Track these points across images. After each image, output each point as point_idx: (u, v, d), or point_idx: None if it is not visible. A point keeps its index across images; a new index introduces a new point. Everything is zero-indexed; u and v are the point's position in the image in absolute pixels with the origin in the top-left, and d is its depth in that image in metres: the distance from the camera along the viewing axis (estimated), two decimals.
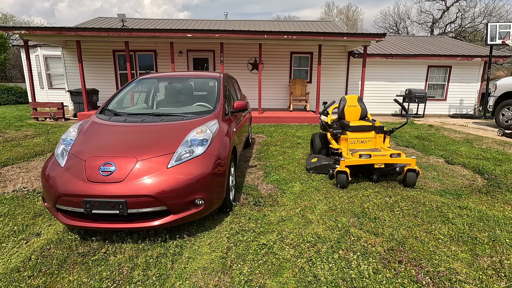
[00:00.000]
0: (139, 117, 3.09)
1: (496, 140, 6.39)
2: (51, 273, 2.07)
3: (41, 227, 2.69)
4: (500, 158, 4.88)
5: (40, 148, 5.51)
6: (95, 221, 2.32)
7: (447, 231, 2.59)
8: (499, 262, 2.16)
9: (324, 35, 8.71)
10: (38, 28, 8.51)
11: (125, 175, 2.29)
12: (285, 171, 4.28)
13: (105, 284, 1.95)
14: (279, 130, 7.58)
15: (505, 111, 7.70)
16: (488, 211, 2.96)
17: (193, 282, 1.98)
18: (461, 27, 29.08)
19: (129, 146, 2.55)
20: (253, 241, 2.44)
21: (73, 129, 2.86)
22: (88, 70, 10.66)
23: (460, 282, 1.96)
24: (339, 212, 2.96)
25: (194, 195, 2.41)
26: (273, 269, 2.11)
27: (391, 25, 33.25)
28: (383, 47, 11.63)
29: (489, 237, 2.49)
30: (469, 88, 11.44)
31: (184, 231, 2.58)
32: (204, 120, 3.00)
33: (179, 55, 10.89)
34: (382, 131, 4.29)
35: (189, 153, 2.54)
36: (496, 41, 9.37)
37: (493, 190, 3.54)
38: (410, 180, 3.57)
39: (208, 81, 3.98)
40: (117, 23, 11.85)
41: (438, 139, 6.55)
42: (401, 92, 11.25)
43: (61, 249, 2.34)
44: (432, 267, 2.11)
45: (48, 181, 2.40)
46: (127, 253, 2.29)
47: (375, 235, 2.54)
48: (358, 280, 1.97)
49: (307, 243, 2.40)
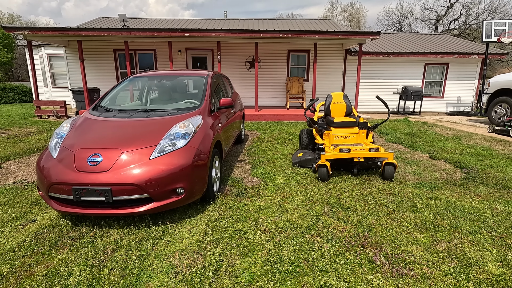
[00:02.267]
0: (128, 113, 3.30)
1: (485, 136, 6.48)
2: (43, 253, 2.29)
3: (37, 214, 2.92)
4: (484, 153, 5.00)
5: (42, 144, 5.76)
6: (84, 207, 2.54)
7: (413, 219, 2.75)
8: (454, 246, 2.32)
9: (319, 33, 8.84)
10: (41, 29, 8.79)
11: (110, 165, 2.50)
12: (271, 165, 4.46)
13: (90, 262, 2.16)
14: (273, 127, 7.76)
15: (497, 108, 7.77)
16: (457, 202, 3.11)
17: (170, 262, 2.18)
18: (465, 24, 28.83)
19: (116, 139, 2.76)
20: (229, 227, 2.63)
21: (66, 124, 3.08)
22: (89, 69, 10.94)
23: (413, 263, 2.13)
24: (314, 202, 3.14)
25: (175, 184, 2.61)
26: (244, 251, 2.30)
27: (394, 22, 33.07)
28: (380, 44, 11.70)
29: (450, 224, 2.65)
30: (466, 85, 11.47)
31: (168, 218, 2.79)
32: (189, 115, 3.20)
33: (178, 54, 11.10)
34: (366, 126, 4.44)
35: (172, 145, 2.74)
36: (492, 38, 9.39)
37: (468, 183, 3.68)
38: (388, 173, 3.73)
39: (197, 79, 4.18)
40: (118, 23, 12.11)
41: (428, 135, 6.66)
42: (398, 89, 11.33)
43: (54, 233, 2.56)
44: (391, 250, 2.29)
45: (42, 171, 2.63)
46: (113, 237, 2.50)
47: (345, 223, 2.71)
48: (319, 260, 2.15)
49: (279, 229, 2.59)
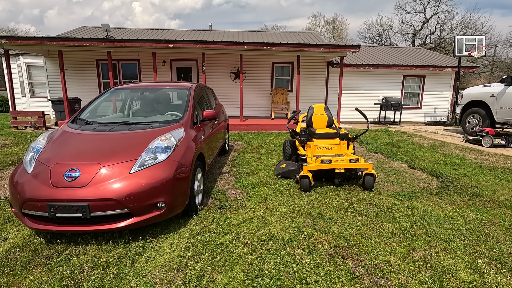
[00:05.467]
0: (109, 125, 3.25)
1: (460, 146, 6.79)
2: (14, 274, 2.19)
3: (9, 232, 2.79)
4: (458, 162, 5.23)
5: (17, 157, 5.54)
6: (60, 224, 2.45)
7: (391, 229, 2.83)
8: (430, 255, 2.40)
9: (302, 46, 9.08)
10: (19, 38, 8.57)
11: (88, 180, 2.44)
12: (255, 176, 4.48)
13: (64, 282, 2.09)
14: (258, 138, 7.81)
15: (470, 119, 8.18)
16: (432, 211, 3.23)
17: (149, 279, 2.14)
18: (440, 38, 30.42)
19: (95, 153, 2.71)
20: (211, 241, 2.62)
21: (43, 137, 3.00)
22: (70, 79, 10.70)
23: (391, 273, 2.18)
24: (297, 213, 3.18)
25: (155, 199, 2.57)
26: (226, 265, 2.29)
27: (375, 35, 34.45)
28: (361, 57, 12.14)
29: (426, 233, 2.74)
30: (442, 96, 12.03)
31: (148, 233, 2.74)
32: (171, 128, 3.19)
33: (162, 65, 11.07)
34: (346, 138, 4.57)
35: (153, 159, 2.72)
36: (463, 52, 9.96)
37: (443, 191, 3.83)
38: (367, 184, 3.83)
39: (180, 91, 4.18)
40: (101, 32, 11.98)
41: (407, 145, 6.90)
42: (378, 100, 11.72)
43: (26, 252, 2.45)
44: (370, 260, 2.34)
45: (16, 187, 2.53)
46: (90, 254, 2.42)
47: (326, 234, 2.75)
48: (300, 273, 2.17)
49: (261, 242, 2.59)
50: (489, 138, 6.71)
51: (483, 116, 7.80)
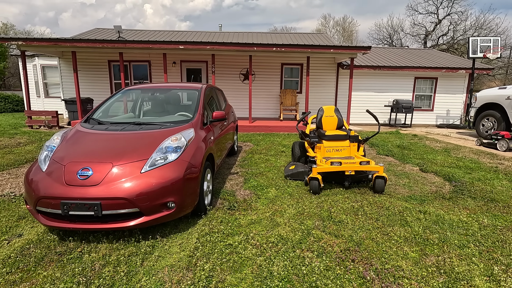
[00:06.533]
0: (120, 125, 3.30)
1: (473, 149, 6.62)
2: (28, 270, 2.23)
3: (24, 228, 2.86)
4: (472, 166, 5.10)
5: (31, 155, 5.68)
6: (72, 222, 2.50)
7: (403, 233, 2.78)
8: (443, 261, 2.34)
9: (311, 47, 9.04)
10: (35, 39, 8.80)
11: (101, 179, 2.48)
12: (264, 177, 4.47)
13: (76, 279, 2.12)
14: (267, 139, 7.80)
15: (484, 122, 7.98)
16: (446, 215, 3.15)
17: (159, 278, 2.15)
18: (453, 40, 29.82)
19: (107, 152, 2.75)
20: (220, 242, 2.62)
21: (57, 136, 3.06)
22: (83, 79, 10.93)
23: (403, 278, 2.14)
24: (306, 215, 3.15)
25: (165, 198, 2.59)
26: (235, 266, 2.28)
27: (385, 37, 34.01)
28: (372, 58, 12.00)
29: (439, 238, 2.68)
30: (455, 99, 11.78)
31: (158, 232, 2.76)
32: (181, 129, 3.21)
33: (172, 66, 11.19)
34: (357, 140, 4.51)
35: (163, 159, 2.74)
36: (478, 54, 9.74)
37: (456, 196, 3.74)
38: (378, 186, 3.77)
39: (190, 92, 4.22)
40: (113, 34, 12.19)
41: (419, 148, 6.78)
42: (389, 102, 11.56)
43: (40, 249, 2.50)
44: (381, 264, 2.30)
45: (30, 184, 2.59)
46: (101, 252, 2.46)
47: (336, 237, 2.72)
48: (309, 276, 2.15)
49: (270, 244, 2.58)
50: (504, 142, 6.53)
51: (498, 119, 7.60)
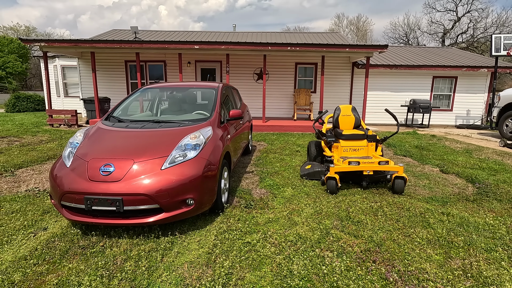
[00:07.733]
0: (140, 123, 3.36)
1: (497, 150, 6.37)
2: (54, 262, 2.30)
3: (48, 222, 2.95)
4: (496, 168, 4.91)
5: (53, 152, 5.87)
6: (95, 217, 2.56)
7: (426, 235, 2.70)
8: (470, 264, 2.26)
9: (326, 46, 8.94)
10: (57, 41, 9.09)
11: (122, 175, 2.53)
12: (279, 177, 4.45)
13: (100, 272, 2.17)
14: (281, 139, 7.77)
15: (508, 122, 7.66)
16: (470, 218, 3.04)
17: (179, 274, 2.17)
18: (473, 38, 28.83)
19: (128, 149, 2.80)
20: (238, 240, 2.62)
21: (80, 133, 3.15)
22: (101, 79, 11.21)
23: (427, 281, 2.07)
24: (324, 215, 3.11)
25: (185, 195, 2.62)
26: (254, 264, 2.28)
27: (401, 35, 33.28)
28: (388, 57, 11.75)
29: (465, 241, 2.58)
30: (475, 98, 11.38)
31: (177, 229, 2.79)
32: (200, 127, 3.24)
33: (187, 66, 11.32)
34: (374, 139, 4.42)
35: (182, 156, 2.77)
36: (501, 52, 9.35)
37: (481, 198, 3.61)
38: (398, 187, 3.68)
39: (207, 90, 4.24)
40: (130, 35, 12.45)
41: (438, 149, 6.58)
42: (406, 102, 11.29)
43: (64, 242, 2.58)
44: (404, 266, 2.24)
45: (55, 180, 2.67)
46: (122, 247, 2.50)
47: (355, 237, 2.67)
48: (330, 275, 2.11)
49: (288, 242, 2.56)
50: None
51: None
